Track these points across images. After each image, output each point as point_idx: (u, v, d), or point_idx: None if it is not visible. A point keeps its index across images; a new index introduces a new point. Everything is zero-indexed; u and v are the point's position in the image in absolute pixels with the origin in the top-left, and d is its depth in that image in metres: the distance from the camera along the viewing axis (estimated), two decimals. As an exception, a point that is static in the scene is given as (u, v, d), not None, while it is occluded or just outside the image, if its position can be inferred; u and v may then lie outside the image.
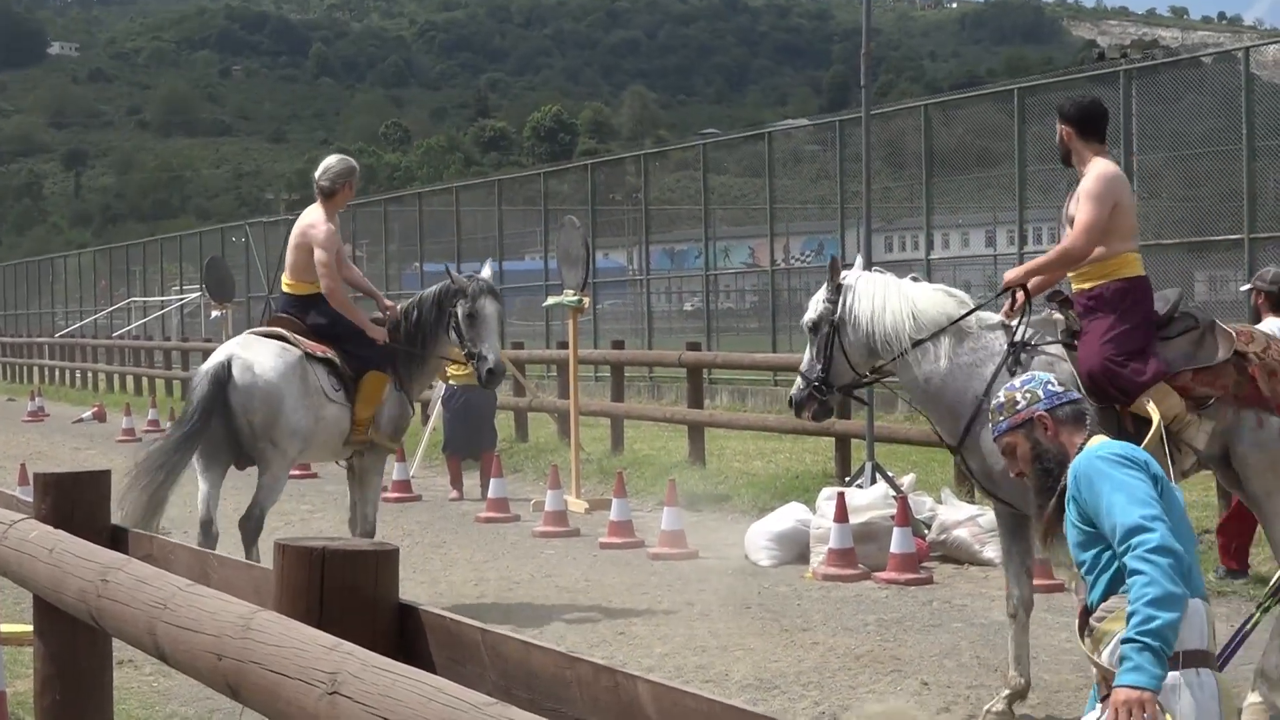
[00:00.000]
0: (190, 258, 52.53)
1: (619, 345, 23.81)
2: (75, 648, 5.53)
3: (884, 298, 9.50)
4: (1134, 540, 5.00)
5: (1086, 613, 5.30)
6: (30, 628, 5.99)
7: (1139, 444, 6.08)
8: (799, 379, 9.79)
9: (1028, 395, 5.60)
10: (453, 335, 12.28)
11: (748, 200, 44.40)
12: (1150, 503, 5.08)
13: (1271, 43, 52.21)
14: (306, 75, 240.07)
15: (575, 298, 18.08)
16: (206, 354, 38.35)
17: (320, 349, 11.95)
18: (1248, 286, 12.87)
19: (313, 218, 12.20)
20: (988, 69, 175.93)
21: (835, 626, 11.29)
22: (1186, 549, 5.11)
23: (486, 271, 12.87)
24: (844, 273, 9.77)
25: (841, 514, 13.06)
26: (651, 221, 36.16)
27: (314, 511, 18.24)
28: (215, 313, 32.45)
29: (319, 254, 11.99)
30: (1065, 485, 5.35)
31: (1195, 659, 5.08)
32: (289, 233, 12.59)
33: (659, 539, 14.59)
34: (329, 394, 11.87)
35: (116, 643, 5.26)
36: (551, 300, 20.08)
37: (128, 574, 4.53)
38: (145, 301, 55.97)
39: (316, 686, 3.25)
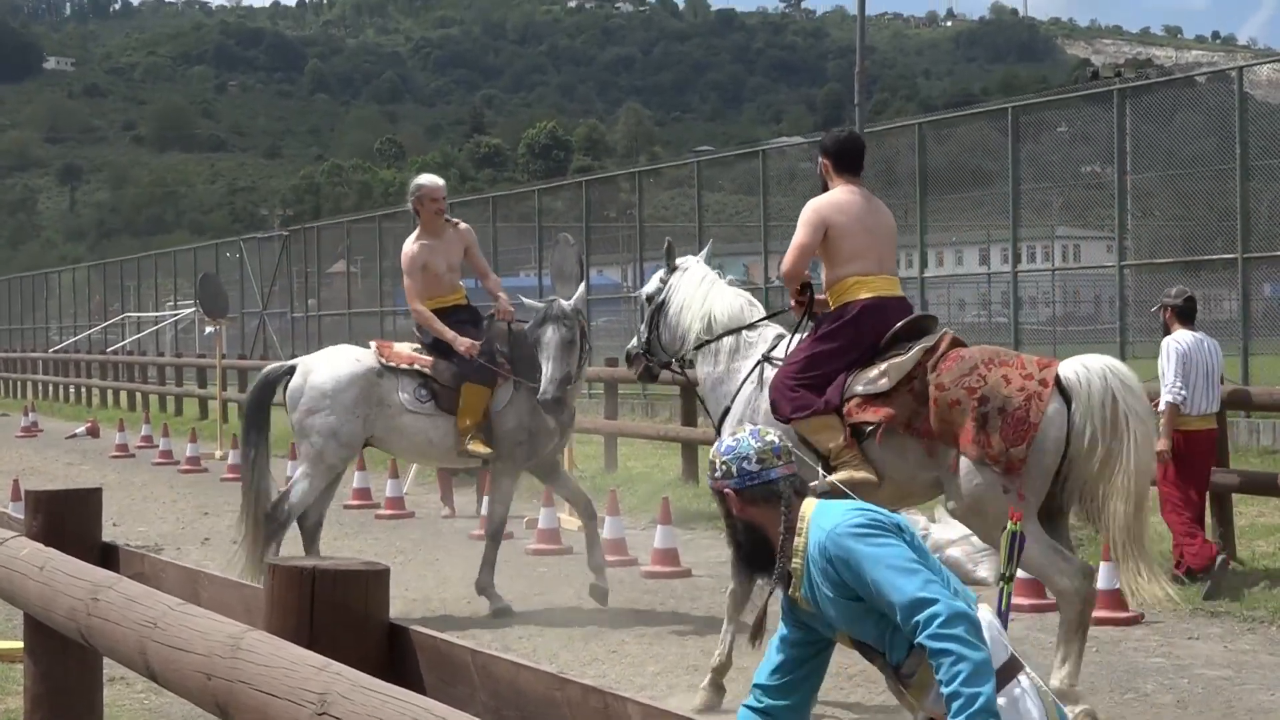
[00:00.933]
0: (184, 273, 52.53)
1: (613, 363, 23.79)
2: (66, 666, 5.52)
3: (693, 295, 10.06)
4: (919, 618, 4.94)
5: (896, 671, 5.25)
6: (21, 645, 5.98)
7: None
8: (635, 337, 10.69)
9: (724, 466, 5.48)
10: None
11: (742, 218, 44.46)
12: (914, 568, 5.02)
13: (1265, 62, 52.34)
14: (302, 91, 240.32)
15: None
16: (200, 370, 38.34)
17: (409, 361, 12.52)
18: (1156, 307, 13.34)
19: (406, 240, 12.91)
20: (982, 88, 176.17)
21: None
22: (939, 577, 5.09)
23: (580, 290, 12.61)
24: (682, 259, 10.39)
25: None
26: (646, 239, 36.15)
27: (307, 528, 18.20)
28: (209, 329, 32.45)
29: (405, 278, 12.90)
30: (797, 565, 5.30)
31: (1010, 670, 5.14)
32: (283, 249, 12.87)
33: (652, 557, 14.58)
34: (409, 405, 12.43)
35: (108, 659, 5.25)
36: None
37: (118, 593, 4.52)
38: (139, 317, 55.96)
39: (305, 707, 3.24)
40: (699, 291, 10.07)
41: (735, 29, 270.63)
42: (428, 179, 12.76)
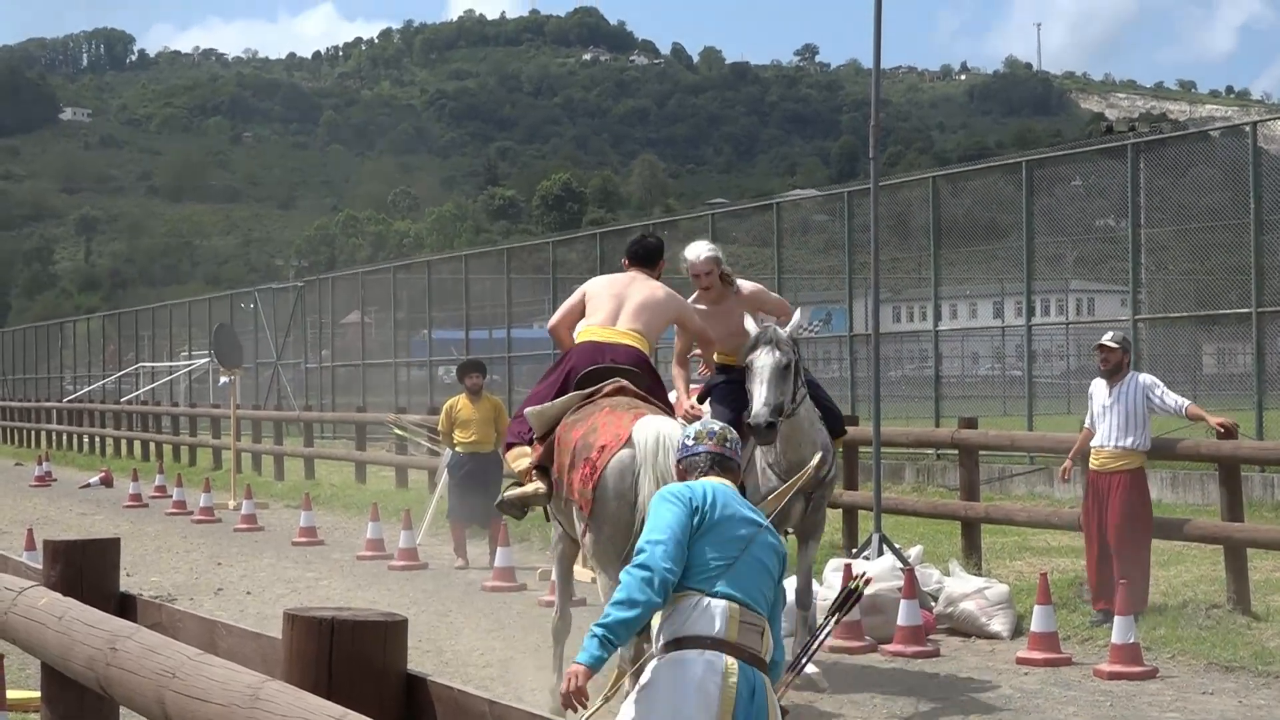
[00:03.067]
0: (199, 324, 52.63)
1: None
2: (83, 715, 5.54)
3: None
4: (634, 555, 6.13)
5: None
6: (38, 695, 5.99)
7: None
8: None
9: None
10: None
11: (756, 270, 44.44)
12: (662, 529, 6.10)
13: (1279, 117, 52.39)
14: (317, 142, 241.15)
15: None
16: (214, 420, 38.41)
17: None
18: (1114, 344, 13.71)
19: None
20: (996, 141, 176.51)
21: (842, 699, 11.25)
22: (750, 575, 6.09)
23: (796, 318, 11.65)
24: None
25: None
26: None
27: (320, 579, 18.22)
28: (223, 379, 32.52)
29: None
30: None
31: (689, 643, 6.00)
32: (298, 300, 12.59)
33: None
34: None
35: (125, 709, 5.26)
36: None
37: (136, 642, 4.54)
38: (154, 367, 56.06)
39: (324, 757, 3.26)
40: None
41: (749, 82, 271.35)
42: (689, 250, 11.72)
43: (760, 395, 10.92)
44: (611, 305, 10.64)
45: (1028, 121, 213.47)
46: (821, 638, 7.03)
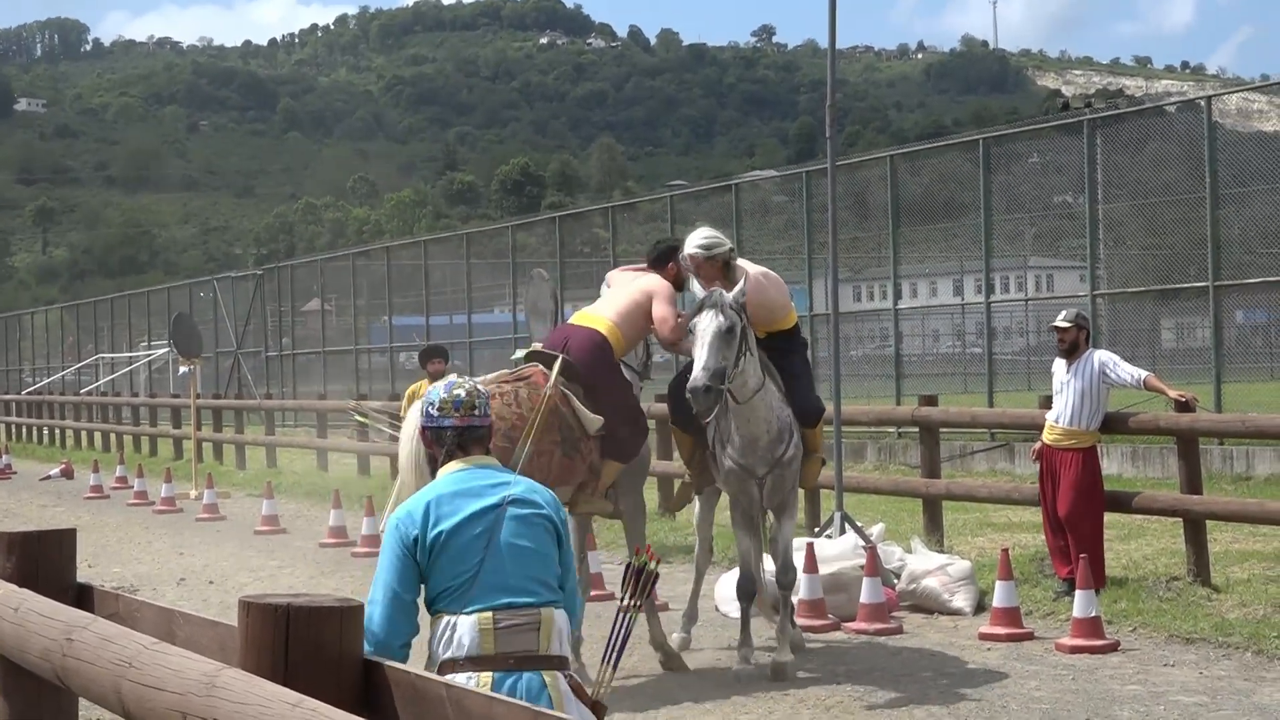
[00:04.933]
0: (158, 314, 52.41)
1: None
2: (40, 707, 5.51)
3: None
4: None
5: None
6: (-5, 688, 5.95)
7: None
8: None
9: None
10: None
11: (716, 251, 44.45)
12: (379, 585, 5.73)
13: (1234, 91, 52.63)
14: (274, 130, 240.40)
15: None
16: (174, 410, 38.27)
17: None
18: (1067, 324, 13.74)
19: None
20: (953, 119, 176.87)
21: (805, 677, 11.28)
22: (505, 568, 5.59)
23: (741, 286, 11.18)
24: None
25: (811, 565, 13.06)
26: (620, 273, 36.19)
27: (283, 567, 18.17)
28: (183, 369, 32.35)
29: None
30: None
31: (447, 668, 5.58)
32: (257, 288, 12.58)
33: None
34: None
35: (83, 701, 5.24)
36: (520, 353, 20.05)
37: (93, 633, 4.52)
38: (113, 358, 55.81)
39: (281, 744, 3.24)
40: None
41: (707, 64, 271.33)
42: (689, 240, 11.59)
43: (700, 358, 10.72)
44: (608, 294, 11.91)
45: (985, 99, 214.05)
46: (622, 630, 6.03)
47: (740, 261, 11.74)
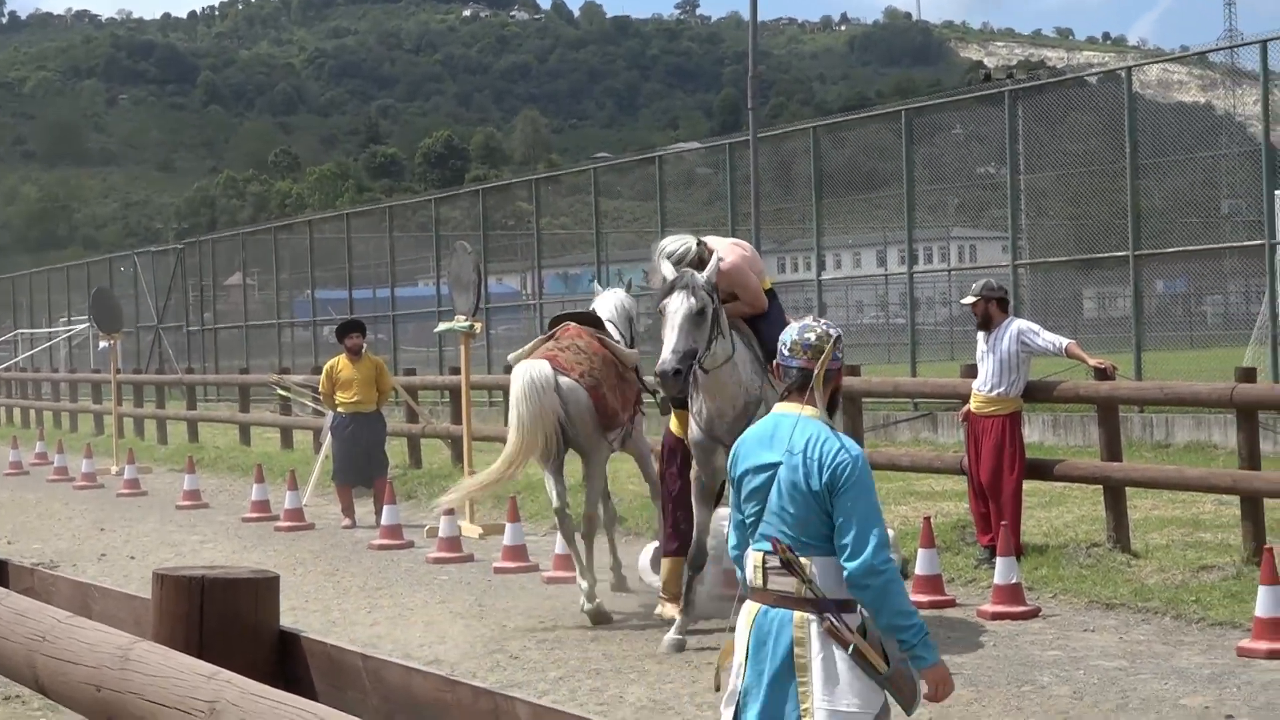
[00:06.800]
0: (78, 289, 51.96)
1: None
2: (-45, 683, 5.45)
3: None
4: None
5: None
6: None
7: None
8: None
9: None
10: None
11: (640, 223, 44.53)
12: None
13: (1154, 62, 52.96)
14: (195, 103, 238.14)
15: (466, 323, 18.03)
16: (95, 386, 37.96)
17: None
18: (971, 300, 13.90)
19: None
20: (877, 91, 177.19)
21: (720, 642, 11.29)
22: (774, 519, 6.01)
23: (714, 266, 11.05)
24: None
25: (734, 534, 13.07)
26: (544, 246, 36.15)
27: (205, 542, 18.07)
28: (103, 343, 32.12)
29: None
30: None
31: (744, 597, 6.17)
32: (178, 263, 12.52)
33: (553, 563, 14.58)
34: None
35: (1, 679, 5.18)
36: (443, 326, 20.01)
37: (6, 607, 4.47)
38: (32, 333, 55.33)
39: (195, 715, 3.22)
40: None
41: (630, 36, 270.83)
42: (658, 256, 11.36)
43: (669, 341, 10.54)
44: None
45: (908, 71, 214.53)
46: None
47: (713, 241, 11.70)
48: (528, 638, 11.91)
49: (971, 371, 14.23)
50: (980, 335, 13.87)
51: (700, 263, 11.10)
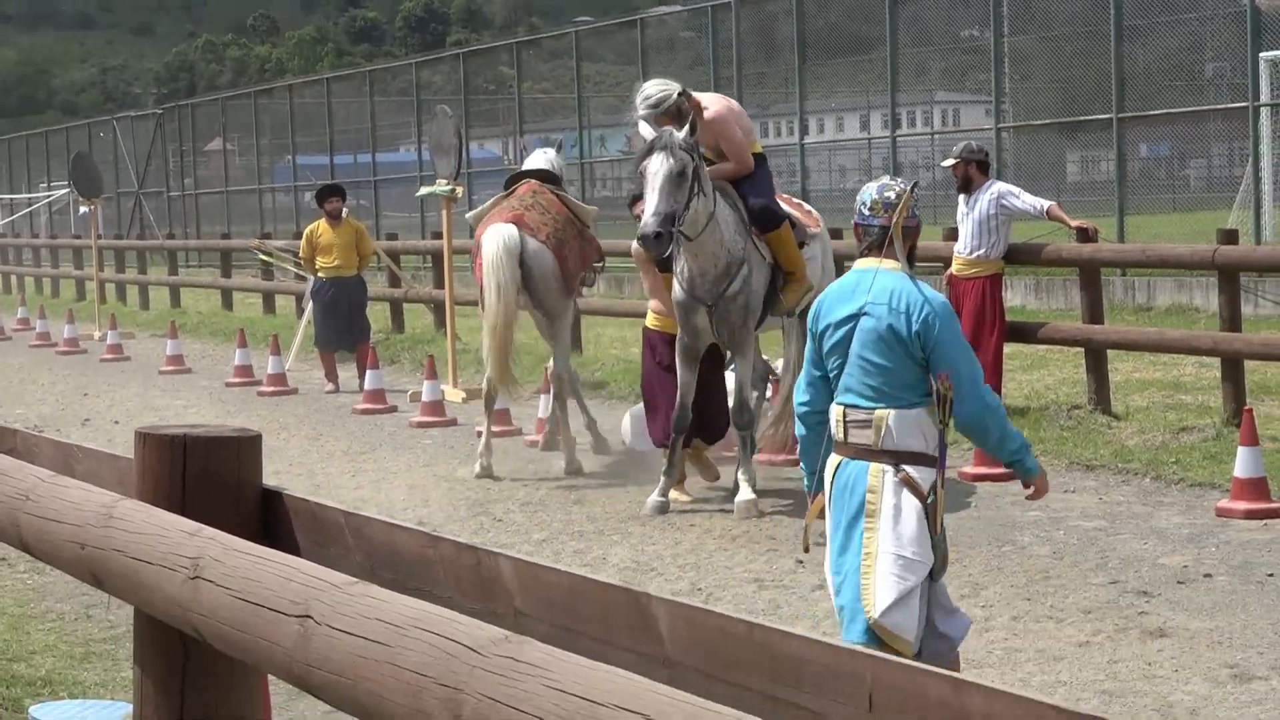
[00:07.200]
0: (57, 154, 51.62)
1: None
2: (-60, 544, 5.47)
3: None
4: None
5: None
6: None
7: None
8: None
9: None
10: None
11: (623, 88, 44.18)
12: (803, 366, 6.74)
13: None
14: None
15: (448, 187, 17.95)
16: (76, 251, 37.91)
17: None
18: (951, 162, 13.98)
19: None
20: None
21: (712, 508, 11.37)
22: (855, 373, 6.32)
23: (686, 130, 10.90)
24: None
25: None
26: (525, 111, 35.94)
27: (189, 406, 18.11)
28: (83, 209, 31.96)
29: None
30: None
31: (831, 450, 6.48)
32: (158, 128, 12.43)
33: (536, 426, 14.62)
34: None
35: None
36: (424, 190, 19.93)
37: (-11, 467, 4.47)
38: (12, 199, 55.04)
39: (179, 572, 3.23)
40: None
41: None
42: (637, 101, 11.29)
43: (650, 203, 10.47)
44: None
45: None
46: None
47: (702, 96, 11.59)
48: (511, 500, 11.98)
49: (953, 235, 14.23)
50: (961, 198, 13.88)
51: (679, 113, 11.01)
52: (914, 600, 6.14)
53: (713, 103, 11.50)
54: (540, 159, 14.34)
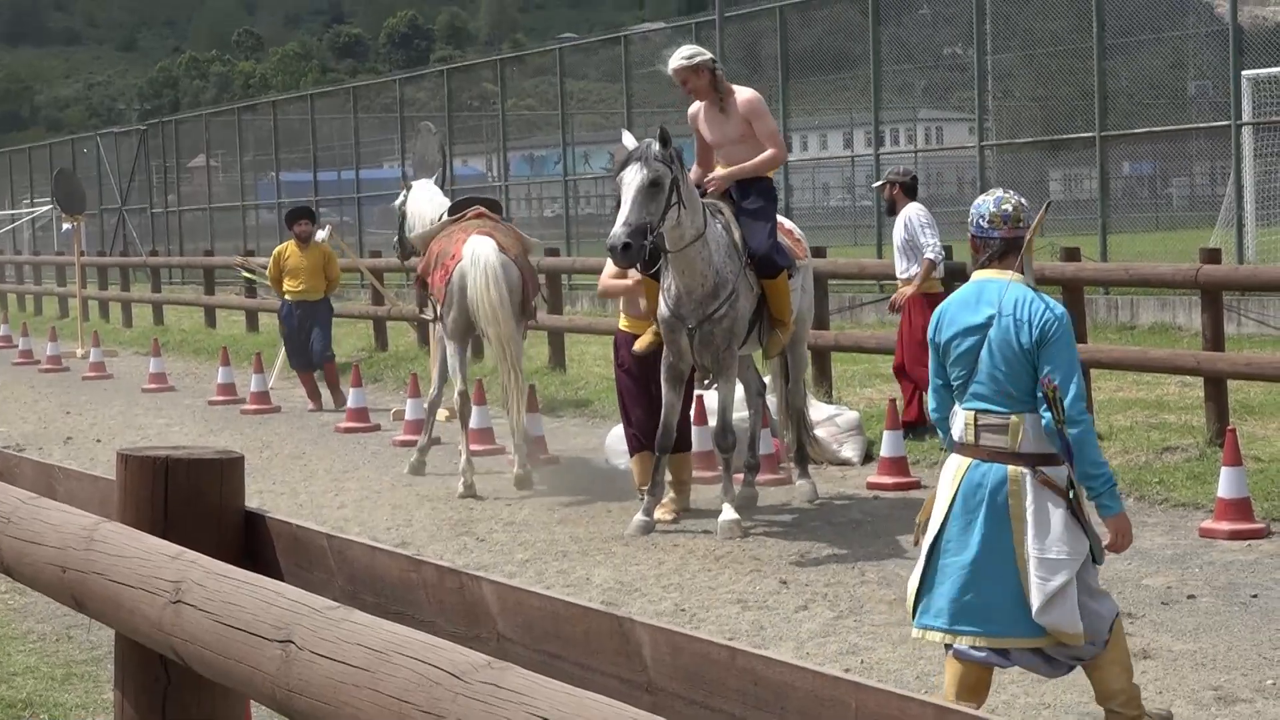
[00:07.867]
0: (40, 170, 51.56)
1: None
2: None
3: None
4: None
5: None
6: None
7: None
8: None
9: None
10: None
11: (606, 105, 44.25)
12: (930, 375, 6.89)
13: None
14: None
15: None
16: (59, 268, 37.80)
17: None
18: (880, 183, 14.46)
19: None
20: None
21: (695, 528, 11.36)
22: (985, 379, 6.49)
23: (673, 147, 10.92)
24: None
25: (700, 416, 13.03)
26: (509, 128, 35.97)
27: (171, 425, 18.07)
28: (66, 225, 31.92)
29: None
30: None
31: (951, 450, 6.69)
32: (141, 144, 12.47)
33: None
34: None
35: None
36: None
37: (-30, 488, 4.46)
38: (-6, 216, 54.96)
39: (160, 596, 3.23)
40: None
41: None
42: (672, 58, 11.53)
43: (621, 214, 10.43)
44: None
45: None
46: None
47: (735, 87, 11.65)
48: (494, 520, 11.95)
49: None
50: (922, 212, 14.26)
51: (714, 76, 11.36)
52: (1068, 594, 6.34)
53: (742, 90, 11.64)
54: (427, 188, 15.06)
